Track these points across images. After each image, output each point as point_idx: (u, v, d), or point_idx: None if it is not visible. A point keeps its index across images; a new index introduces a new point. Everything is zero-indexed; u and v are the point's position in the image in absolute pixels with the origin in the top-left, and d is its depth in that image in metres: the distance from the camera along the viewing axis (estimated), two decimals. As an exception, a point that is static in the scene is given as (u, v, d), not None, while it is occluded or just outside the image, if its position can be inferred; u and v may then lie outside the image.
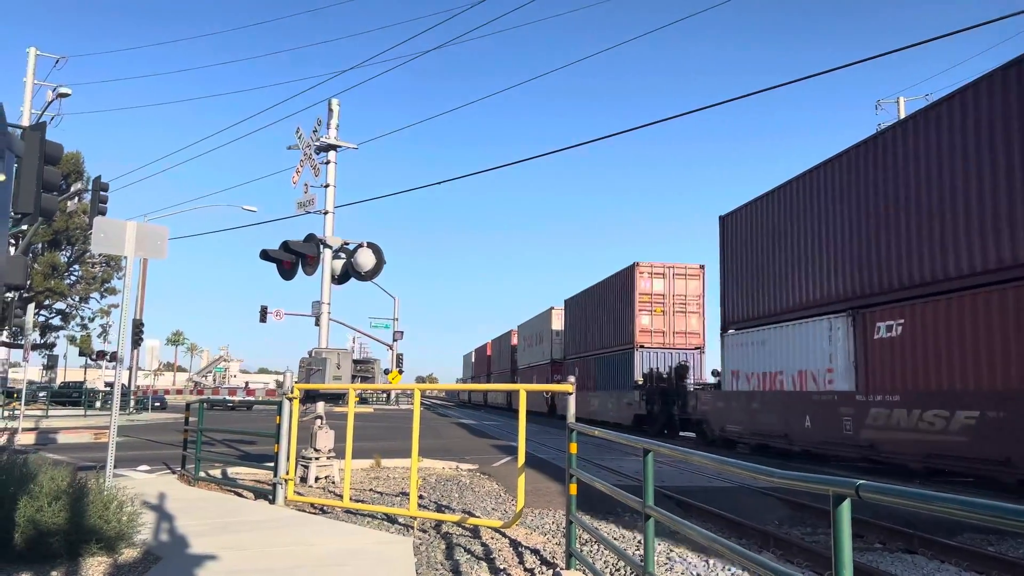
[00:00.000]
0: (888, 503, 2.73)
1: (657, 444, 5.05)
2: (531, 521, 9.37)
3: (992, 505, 2.31)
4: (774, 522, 10.20)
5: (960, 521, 3.20)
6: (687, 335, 32.46)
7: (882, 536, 9.06)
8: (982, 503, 2.35)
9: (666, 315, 32.02)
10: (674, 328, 32.16)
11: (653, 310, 31.91)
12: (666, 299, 32.08)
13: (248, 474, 12.97)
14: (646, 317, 31.87)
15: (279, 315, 45.72)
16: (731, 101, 15.81)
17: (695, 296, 32.63)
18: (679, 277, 32.42)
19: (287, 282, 13.44)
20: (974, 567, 7.73)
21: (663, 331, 32.07)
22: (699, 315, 32.62)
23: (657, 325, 32.01)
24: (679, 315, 32.31)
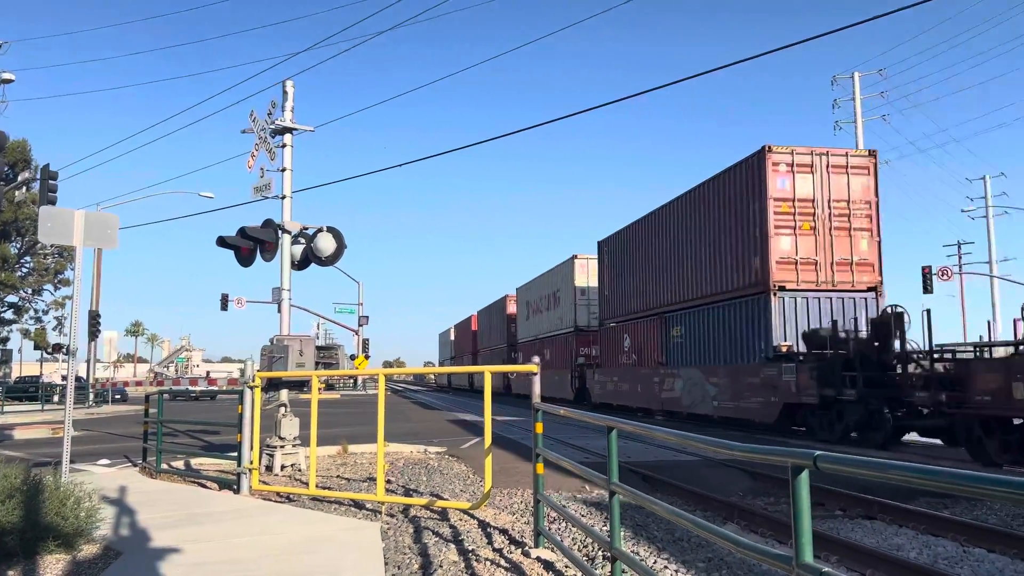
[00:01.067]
0: (846, 473, 2.76)
1: (619, 421, 5.07)
2: (500, 501, 9.39)
3: (946, 472, 2.34)
4: (739, 493, 10.38)
5: (916, 488, 3.26)
6: (855, 268, 19.47)
7: (843, 503, 9.26)
8: (937, 470, 2.38)
9: (818, 234, 19.37)
10: (833, 255, 19.38)
11: (798, 226, 19.19)
12: (817, 208, 19.41)
13: (212, 465, 12.81)
14: (786, 238, 19.15)
15: (241, 303, 45.00)
16: (694, 77, 15.65)
17: (863, 202, 19.67)
18: (837, 171, 19.62)
19: (250, 269, 13.22)
20: (930, 530, 7.93)
21: (814, 262, 19.29)
22: (871, 233, 19.66)
23: (805, 250, 19.23)
24: (839, 233, 19.47)
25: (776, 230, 19.11)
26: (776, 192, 19.17)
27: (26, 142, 42.46)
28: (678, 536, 7.58)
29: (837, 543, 7.06)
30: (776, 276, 18.95)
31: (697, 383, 22.44)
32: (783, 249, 19.15)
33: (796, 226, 19.22)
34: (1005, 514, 8.72)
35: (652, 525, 8.06)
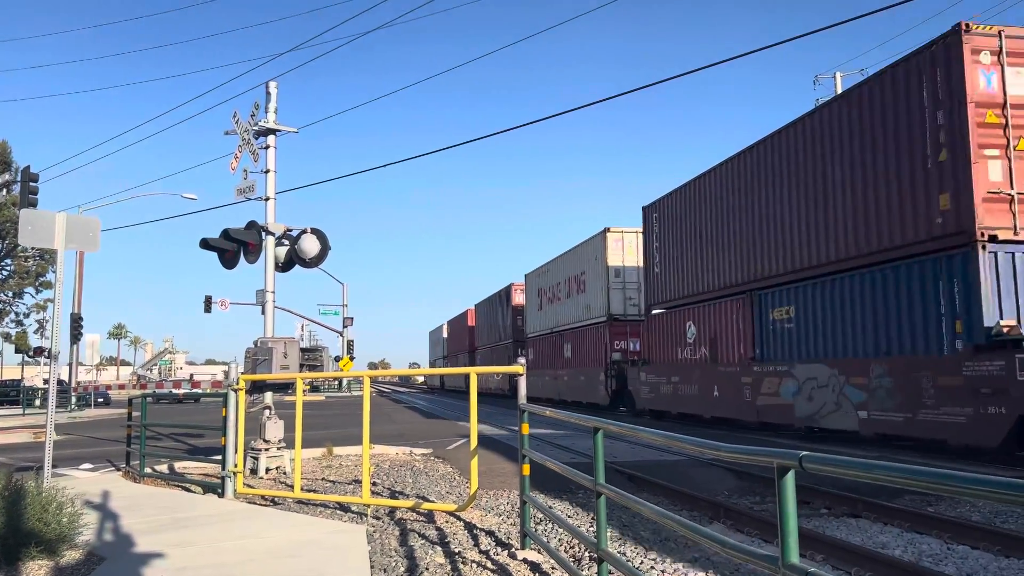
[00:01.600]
0: (831, 473, 2.77)
1: (605, 421, 5.06)
2: (486, 503, 9.37)
3: (930, 472, 2.35)
4: (725, 493, 10.41)
5: (901, 487, 3.28)
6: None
7: (828, 502, 9.30)
8: (922, 470, 2.39)
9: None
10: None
11: (1014, 145, 13.02)
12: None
13: (196, 468, 12.71)
14: (996, 162, 12.96)
15: (224, 305, 44.98)
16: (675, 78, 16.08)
17: None
18: None
19: (234, 271, 13.14)
20: (915, 528, 7.99)
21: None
22: None
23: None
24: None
25: (980, 150, 12.77)
26: (979, 94, 12.85)
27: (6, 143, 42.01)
28: (665, 536, 7.59)
29: (823, 541, 7.09)
30: (983, 220, 12.67)
31: (826, 385, 16.20)
32: (992, 180, 12.86)
33: (1010, 144, 12.97)
34: (988, 511, 8.79)
35: (639, 525, 8.06)
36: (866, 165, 15.32)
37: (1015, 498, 2.07)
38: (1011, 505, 2.00)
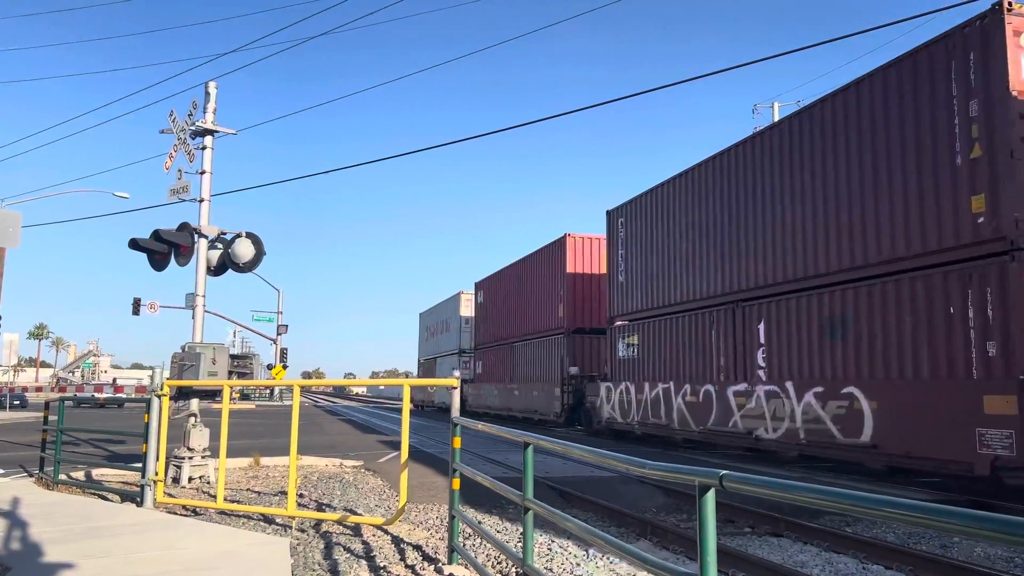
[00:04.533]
0: (750, 492, 2.82)
1: (536, 437, 5.07)
2: (415, 517, 9.28)
3: (845, 493, 2.41)
4: (653, 509, 10.52)
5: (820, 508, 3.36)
6: None
7: (752, 520, 9.48)
8: (837, 492, 2.45)
9: None
10: None
11: None
12: None
13: (115, 476, 12.25)
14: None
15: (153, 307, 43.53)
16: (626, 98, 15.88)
17: None
18: None
19: (167, 273, 12.77)
20: (833, 547, 8.20)
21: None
22: None
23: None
24: None
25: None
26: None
27: (-75, 131, 40.13)
28: (593, 552, 7.62)
29: (744, 559, 7.22)
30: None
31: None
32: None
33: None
34: (902, 532, 9.08)
35: (568, 541, 8.08)
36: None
37: (923, 520, 2.14)
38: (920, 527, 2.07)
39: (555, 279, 28.95)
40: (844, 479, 13.44)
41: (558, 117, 17.63)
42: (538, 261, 31.21)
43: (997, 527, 1.84)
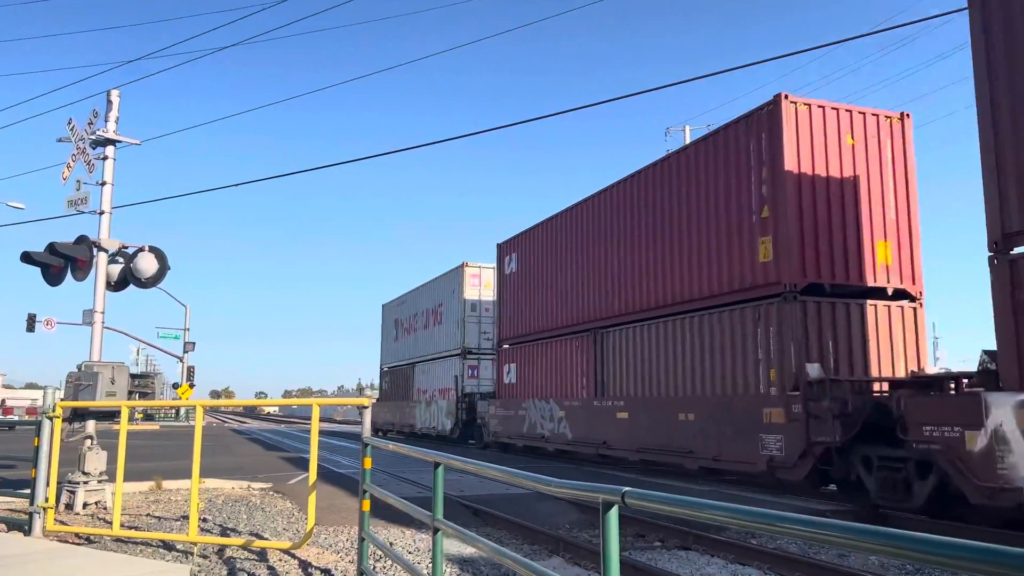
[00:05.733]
0: (651, 509, 2.86)
1: (447, 456, 5.03)
2: (324, 540, 9.05)
3: (745, 510, 2.47)
4: (566, 526, 10.58)
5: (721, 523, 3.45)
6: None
7: (662, 534, 9.65)
8: (739, 508, 2.51)
9: None
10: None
11: None
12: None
13: (1, 503, 11.51)
14: None
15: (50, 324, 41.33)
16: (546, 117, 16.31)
17: None
18: None
19: (66, 287, 12.13)
20: (739, 559, 8.43)
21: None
22: None
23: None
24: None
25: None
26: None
27: None
28: (505, 571, 7.59)
29: (653, 573, 7.34)
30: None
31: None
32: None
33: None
34: (804, 544, 9.42)
35: (480, 561, 8.03)
36: None
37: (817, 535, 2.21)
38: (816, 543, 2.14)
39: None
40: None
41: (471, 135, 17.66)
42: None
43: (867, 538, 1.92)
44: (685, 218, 17.06)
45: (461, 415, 29.69)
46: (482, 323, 30.67)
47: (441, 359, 32.53)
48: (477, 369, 30.42)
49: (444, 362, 32.21)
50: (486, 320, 30.45)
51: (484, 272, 30.79)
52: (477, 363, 30.46)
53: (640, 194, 18.96)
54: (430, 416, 33.19)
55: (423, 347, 35.24)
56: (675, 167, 17.67)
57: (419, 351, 35.84)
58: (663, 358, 17.40)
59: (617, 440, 18.77)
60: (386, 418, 39.83)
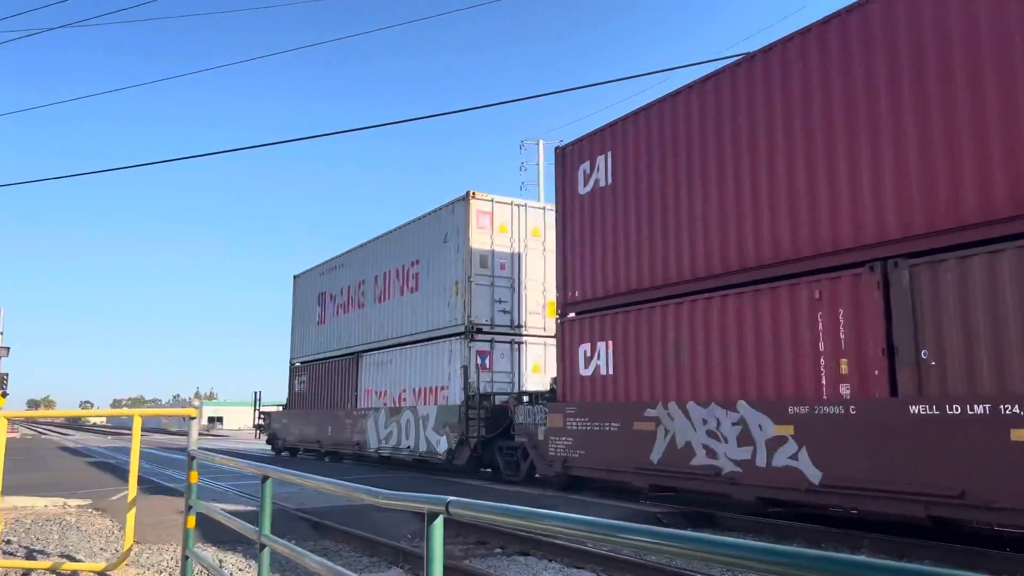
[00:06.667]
0: (474, 518, 2.87)
1: (274, 469, 4.84)
2: (147, 559, 8.48)
3: (562, 516, 2.52)
4: (408, 536, 10.47)
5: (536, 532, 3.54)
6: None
7: (503, 541, 9.75)
8: (554, 515, 2.55)
9: None
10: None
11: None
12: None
13: None
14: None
15: None
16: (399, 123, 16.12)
17: None
18: None
19: None
20: (574, 563, 8.66)
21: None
22: None
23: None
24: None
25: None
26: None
27: None
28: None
29: None
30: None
31: None
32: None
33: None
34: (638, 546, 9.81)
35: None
36: None
37: (609, 537, 2.28)
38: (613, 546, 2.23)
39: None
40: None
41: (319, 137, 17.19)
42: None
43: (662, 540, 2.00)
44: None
45: (473, 429, 18.13)
46: (496, 287, 19.86)
47: (422, 344, 21.44)
48: (489, 357, 19.50)
49: (429, 348, 21.13)
50: (501, 283, 19.95)
51: (499, 210, 20.34)
52: (489, 348, 19.54)
53: None
54: (400, 431, 21.33)
55: (381, 328, 23.94)
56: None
57: (373, 334, 24.43)
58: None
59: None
60: (301, 433, 28.31)
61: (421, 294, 21.86)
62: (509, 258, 20.28)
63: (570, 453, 14.73)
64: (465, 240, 19.92)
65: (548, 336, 19.57)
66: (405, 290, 22.88)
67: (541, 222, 20.58)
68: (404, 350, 22.47)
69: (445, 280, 20.74)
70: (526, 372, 20.03)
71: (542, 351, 20.17)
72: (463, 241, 20.01)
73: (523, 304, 20.21)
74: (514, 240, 20.42)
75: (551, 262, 18.52)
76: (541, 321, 20.21)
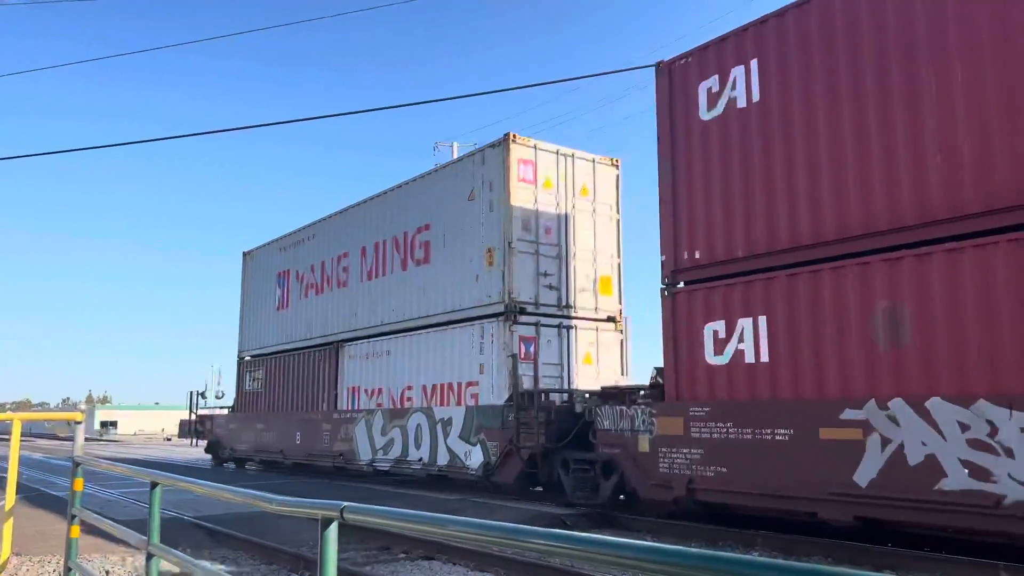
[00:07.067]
0: (370, 524, 2.84)
1: (163, 475, 4.66)
2: (26, 572, 8.02)
3: (462, 521, 2.51)
4: (310, 543, 10.24)
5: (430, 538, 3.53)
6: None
7: (407, 546, 9.68)
8: (454, 520, 2.54)
9: None
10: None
11: None
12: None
13: None
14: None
15: None
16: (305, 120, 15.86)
17: None
18: None
19: None
20: (479, 566, 8.69)
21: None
22: None
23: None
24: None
25: None
26: None
27: None
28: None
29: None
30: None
31: None
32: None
33: None
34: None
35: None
36: None
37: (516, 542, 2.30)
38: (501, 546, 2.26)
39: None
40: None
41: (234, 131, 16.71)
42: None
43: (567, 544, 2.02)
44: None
45: (527, 437, 13.45)
46: (541, 256, 15.75)
47: (437, 329, 16.97)
48: (534, 345, 15.31)
49: (449, 334, 16.61)
50: (547, 252, 15.86)
51: (542, 160, 16.09)
52: (534, 333, 15.35)
53: None
54: (406, 440, 16.76)
55: (372, 311, 19.27)
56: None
57: (360, 319, 19.74)
58: None
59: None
60: (256, 441, 23.12)
61: (434, 267, 17.28)
62: (555, 221, 16.16)
63: (698, 471, 10.70)
64: (503, 195, 15.56)
65: (600, 319, 16.42)
66: (409, 263, 18.15)
67: (590, 178, 16.69)
68: (410, 337, 17.75)
69: (471, 248, 16.25)
70: (576, 364, 15.85)
71: (593, 337, 16.27)
72: (500, 197, 15.67)
73: (572, 279, 16.12)
74: (560, 199, 16.26)
75: (602, 227, 16.60)
76: (592, 300, 16.33)
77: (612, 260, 16.68)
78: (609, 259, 16.65)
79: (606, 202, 16.81)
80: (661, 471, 11.18)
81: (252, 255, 26.48)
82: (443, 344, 16.70)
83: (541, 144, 16.21)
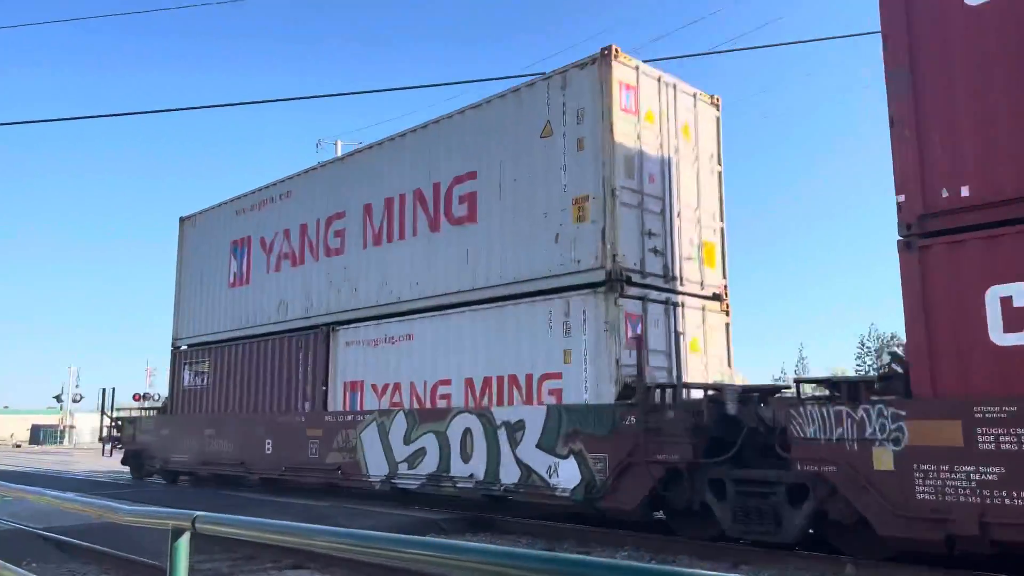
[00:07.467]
0: (224, 533, 2.73)
1: (8, 486, 4.34)
2: None
3: (302, 528, 2.46)
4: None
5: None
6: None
7: (277, 555, 9.38)
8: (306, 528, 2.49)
9: None
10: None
11: None
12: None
13: None
14: None
15: None
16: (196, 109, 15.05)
17: None
18: None
19: None
20: (352, 574, 8.53)
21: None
22: None
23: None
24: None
25: None
26: None
27: None
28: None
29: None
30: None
31: None
32: None
33: None
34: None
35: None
36: None
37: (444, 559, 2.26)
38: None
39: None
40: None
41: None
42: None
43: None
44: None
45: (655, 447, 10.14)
46: (645, 211, 12.11)
47: (495, 305, 12.97)
48: (642, 325, 11.65)
49: (513, 311, 12.66)
50: (652, 205, 12.23)
51: (644, 86, 12.42)
52: (641, 311, 11.72)
53: None
54: (446, 451, 12.86)
55: (383, 285, 15.05)
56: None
57: (361, 297, 15.50)
58: None
59: None
60: (201, 450, 18.45)
61: (484, 225, 13.26)
62: (658, 167, 12.45)
63: (995, 499, 7.39)
64: (602, 128, 11.73)
65: (707, 297, 12.81)
66: (442, 222, 14.00)
67: (691, 116, 13.14)
68: (446, 317, 13.65)
69: (546, 199, 12.39)
70: (684, 351, 12.00)
71: (699, 318, 12.63)
72: (597, 130, 11.79)
73: (677, 243, 12.49)
74: (663, 139, 12.58)
75: (705, 180, 13.07)
76: (697, 272, 12.74)
77: (715, 223, 13.20)
78: (712, 221, 13.16)
79: (707, 150, 13.33)
80: (921, 498, 7.83)
81: (193, 221, 21.19)
82: (501, 324, 12.74)
83: (643, 67, 12.58)
